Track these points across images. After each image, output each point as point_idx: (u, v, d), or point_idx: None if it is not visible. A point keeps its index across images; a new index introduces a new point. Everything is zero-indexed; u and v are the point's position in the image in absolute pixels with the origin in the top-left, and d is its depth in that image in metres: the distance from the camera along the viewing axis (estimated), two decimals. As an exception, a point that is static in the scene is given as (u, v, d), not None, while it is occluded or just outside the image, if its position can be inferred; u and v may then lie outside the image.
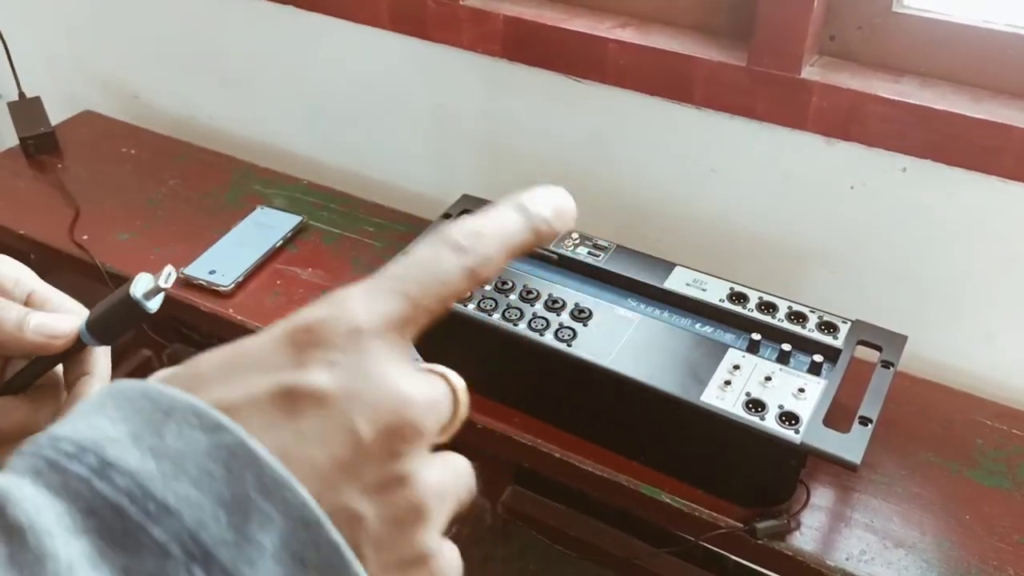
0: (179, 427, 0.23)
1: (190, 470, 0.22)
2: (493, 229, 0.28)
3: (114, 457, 0.22)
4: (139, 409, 0.23)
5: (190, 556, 0.21)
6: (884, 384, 0.80)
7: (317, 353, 0.25)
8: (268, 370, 0.24)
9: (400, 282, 0.26)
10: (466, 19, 1.09)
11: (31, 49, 1.53)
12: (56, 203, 1.24)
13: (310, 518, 0.22)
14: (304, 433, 0.23)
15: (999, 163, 0.88)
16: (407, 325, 0.27)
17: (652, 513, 0.88)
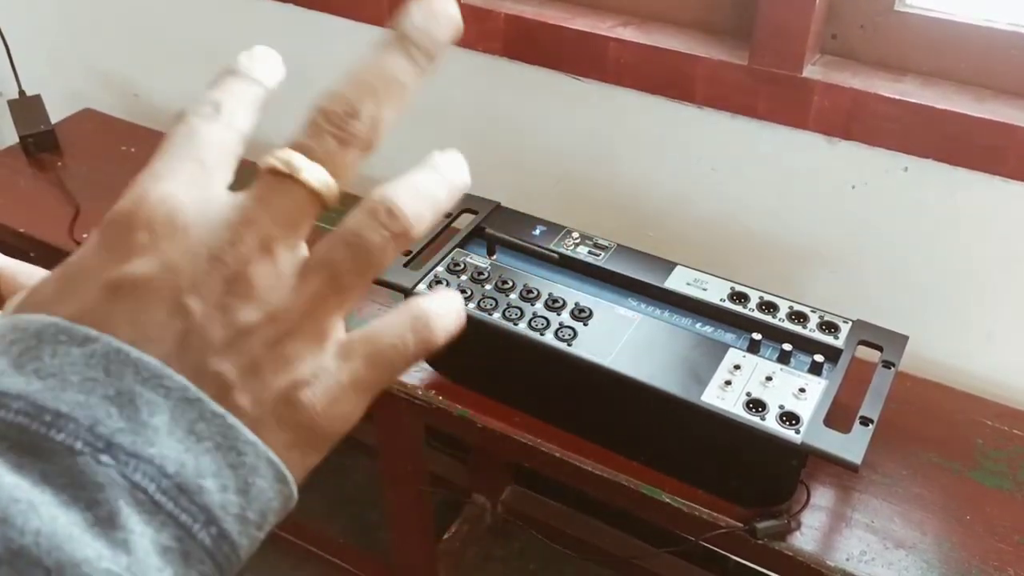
0: (53, 347, 0.24)
1: (73, 380, 0.24)
2: (228, 94, 0.32)
3: (4, 387, 0.24)
4: (12, 340, 0.25)
5: (94, 448, 0.23)
6: (885, 384, 0.80)
7: (129, 239, 0.26)
8: (93, 272, 0.26)
9: (191, 145, 0.29)
10: (467, 17, 1.08)
11: (31, 47, 1.53)
12: (56, 201, 1.24)
13: (189, 396, 0.24)
14: (144, 320, 0.25)
15: (1001, 163, 0.88)
16: (209, 173, 0.28)
17: (652, 513, 0.88)
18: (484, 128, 1.20)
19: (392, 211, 0.29)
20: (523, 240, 0.93)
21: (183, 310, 0.25)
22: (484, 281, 0.90)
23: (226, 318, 0.26)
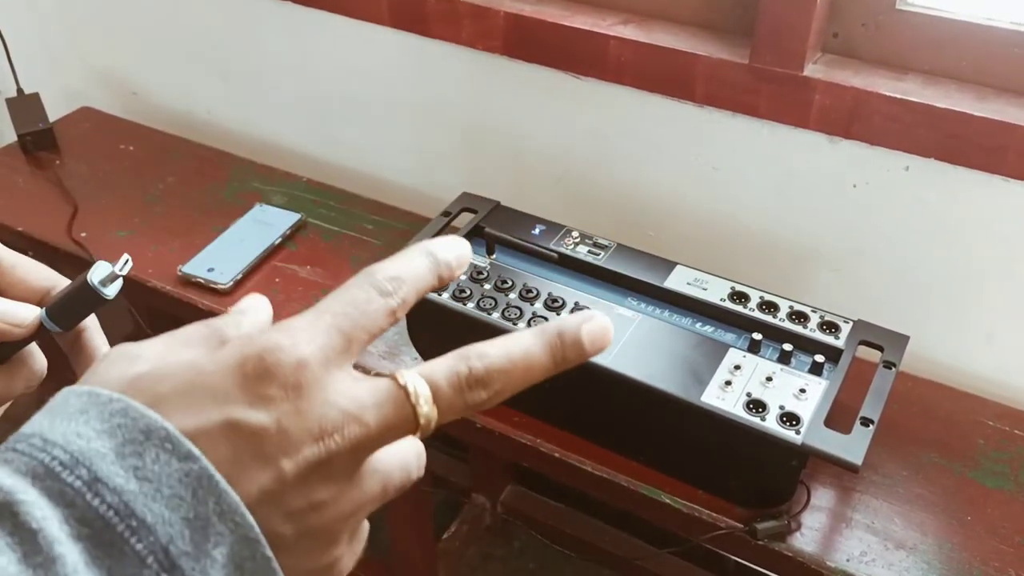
0: (156, 452, 0.27)
1: (164, 492, 0.27)
2: (410, 275, 0.33)
3: (104, 474, 0.26)
4: (120, 425, 0.28)
5: (161, 565, 0.26)
6: (886, 384, 0.80)
7: (263, 388, 0.29)
8: (220, 402, 0.29)
9: (337, 319, 0.31)
10: (466, 15, 1.09)
11: (30, 45, 1.53)
12: (54, 200, 1.24)
13: (251, 536, 0.28)
14: (243, 464, 0.28)
15: (1003, 162, 0.87)
16: (343, 356, 0.31)
17: (652, 513, 0.87)
18: (483, 127, 1.20)
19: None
20: (522, 239, 0.93)
21: (278, 470, 0.28)
22: (483, 280, 0.90)
23: (305, 490, 0.29)
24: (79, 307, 0.44)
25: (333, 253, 1.14)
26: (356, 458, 0.30)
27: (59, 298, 0.44)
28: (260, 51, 1.34)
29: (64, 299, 0.44)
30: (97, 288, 0.43)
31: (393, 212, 1.22)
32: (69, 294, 0.44)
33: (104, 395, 0.29)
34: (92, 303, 0.44)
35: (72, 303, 0.44)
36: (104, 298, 0.43)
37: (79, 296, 0.43)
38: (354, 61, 1.25)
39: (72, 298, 0.44)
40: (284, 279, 1.10)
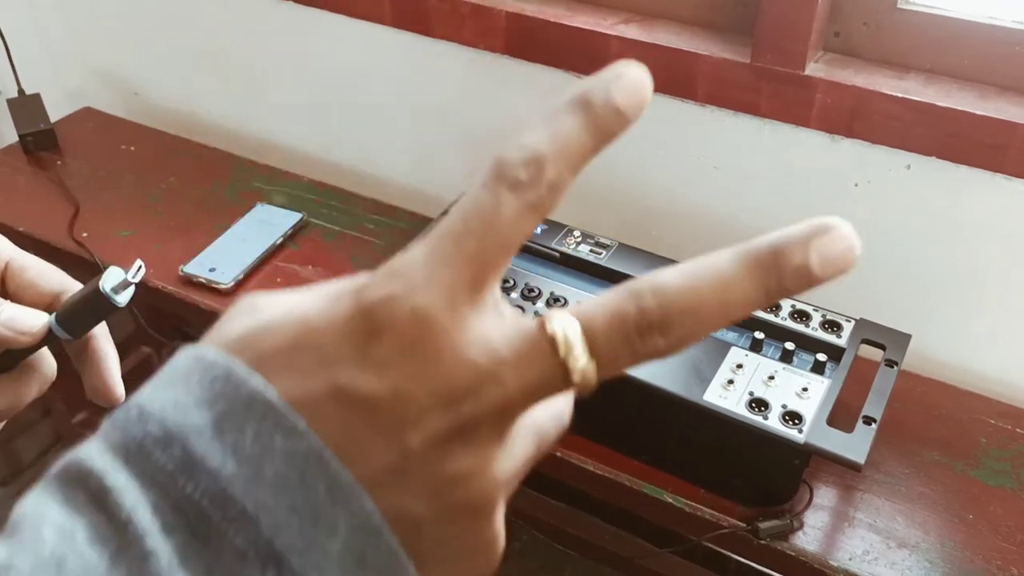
0: (258, 426, 0.23)
1: (267, 474, 0.23)
2: (555, 146, 0.25)
3: (199, 454, 0.23)
4: (222, 393, 0.24)
5: (264, 560, 0.23)
6: (888, 383, 0.80)
7: (374, 347, 0.24)
8: (328, 363, 0.24)
9: (461, 243, 0.25)
10: (468, 15, 1.09)
11: (31, 45, 1.53)
12: (56, 200, 1.24)
13: (372, 525, 0.24)
14: (357, 438, 0.24)
15: (1005, 161, 0.87)
16: (473, 291, 0.25)
17: (654, 513, 0.87)
18: (485, 126, 1.20)
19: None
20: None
21: (401, 444, 0.24)
22: (485, 280, 0.90)
23: (442, 461, 0.24)
24: (89, 314, 0.43)
25: (335, 252, 1.14)
26: (501, 421, 0.24)
27: (69, 305, 0.43)
28: (262, 51, 1.34)
29: (74, 306, 0.43)
30: (109, 296, 0.42)
31: (395, 211, 1.22)
32: (79, 301, 0.42)
33: (210, 356, 0.25)
34: (103, 311, 0.43)
35: (82, 310, 0.43)
36: (116, 306, 0.42)
37: (90, 303, 0.42)
38: (356, 61, 1.25)
39: (82, 305, 0.42)
40: (286, 279, 1.10)
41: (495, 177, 0.25)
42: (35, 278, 0.44)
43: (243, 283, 1.08)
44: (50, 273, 0.44)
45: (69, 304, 0.43)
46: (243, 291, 1.07)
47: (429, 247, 0.25)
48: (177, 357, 0.26)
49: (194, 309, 1.07)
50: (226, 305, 1.09)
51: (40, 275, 0.44)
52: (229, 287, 1.06)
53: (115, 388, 0.46)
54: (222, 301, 1.06)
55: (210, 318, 1.06)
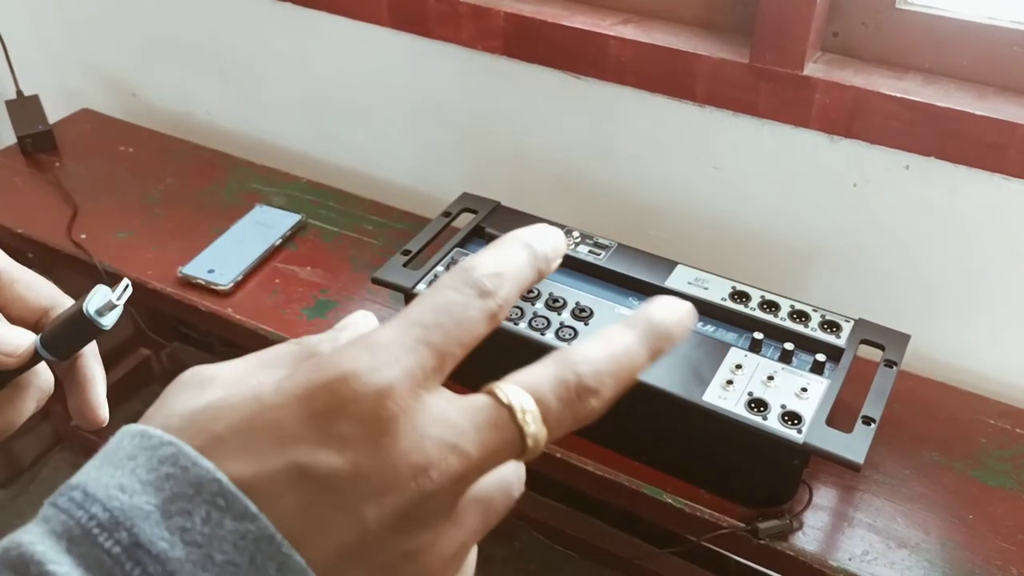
0: (207, 510, 0.23)
1: (216, 558, 0.23)
2: (511, 270, 0.28)
3: (146, 539, 0.23)
4: (168, 475, 0.24)
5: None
6: (887, 383, 0.80)
7: (336, 425, 0.24)
8: (285, 442, 0.24)
9: (428, 332, 0.26)
10: (466, 16, 1.09)
11: (29, 47, 1.53)
12: (54, 201, 1.23)
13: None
14: (314, 517, 0.24)
15: (1003, 161, 0.87)
16: (434, 375, 0.26)
17: (654, 513, 0.87)
18: (483, 127, 1.20)
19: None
20: (523, 239, 0.93)
21: (360, 521, 0.24)
22: (484, 280, 0.90)
23: (397, 539, 0.24)
24: (75, 336, 0.41)
25: (333, 254, 1.14)
26: (455, 494, 0.25)
27: (54, 326, 0.42)
28: (260, 52, 1.34)
29: (59, 327, 0.41)
30: (93, 318, 0.40)
31: (393, 213, 1.22)
32: (64, 323, 0.41)
33: (155, 437, 0.25)
34: (88, 332, 0.41)
35: (67, 332, 0.41)
36: (101, 329, 0.41)
37: (74, 325, 0.41)
38: (354, 62, 1.25)
39: (67, 327, 0.41)
40: (284, 280, 1.10)
41: (466, 282, 0.27)
42: (24, 291, 0.42)
43: (242, 284, 1.08)
44: (40, 287, 0.43)
45: (53, 326, 0.41)
46: (242, 292, 1.07)
47: (397, 331, 0.26)
48: (120, 435, 0.26)
49: (193, 310, 1.07)
50: (225, 307, 1.09)
51: (29, 288, 0.42)
52: (228, 288, 1.06)
53: (100, 411, 0.44)
54: (221, 303, 1.06)
55: (208, 319, 1.07)
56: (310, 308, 1.05)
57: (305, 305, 1.05)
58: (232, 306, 1.05)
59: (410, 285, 0.89)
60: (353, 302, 1.06)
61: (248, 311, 1.04)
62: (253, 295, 1.07)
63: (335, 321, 0.33)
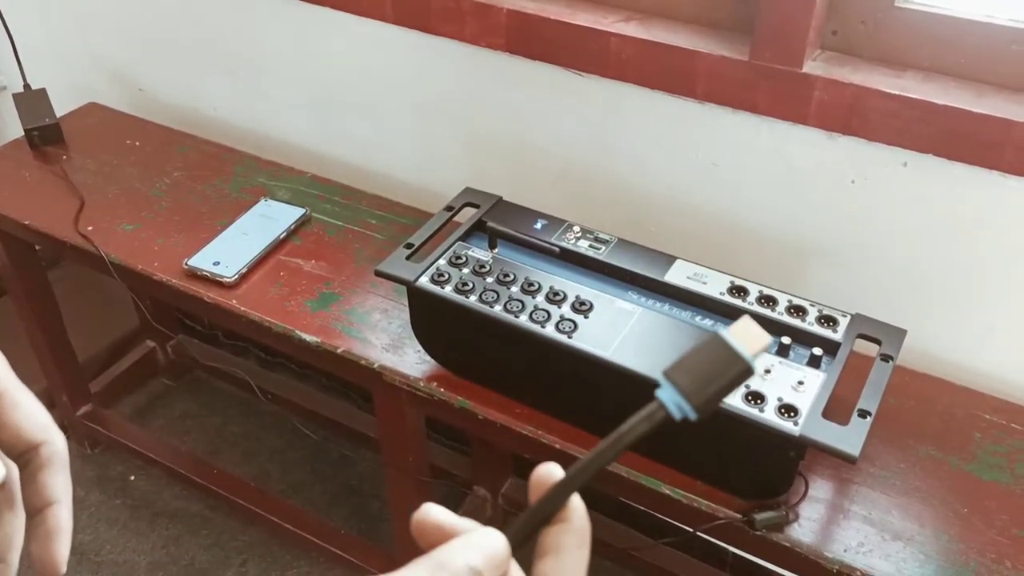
0: None
1: None
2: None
3: None
4: None
5: None
6: (883, 377, 0.81)
7: None
8: None
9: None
10: (469, 12, 1.09)
11: (37, 41, 1.54)
12: (61, 194, 1.25)
13: None
14: None
15: (1001, 158, 0.88)
16: None
17: (652, 504, 0.88)
18: (486, 123, 1.20)
19: None
20: (524, 234, 0.94)
21: None
22: (485, 274, 0.91)
23: None
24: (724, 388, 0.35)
25: (337, 247, 1.15)
26: None
27: (702, 385, 0.35)
28: (266, 48, 1.34)
29: (706, 380, 0.35)
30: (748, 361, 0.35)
31: (397, 207, 1.23)
32: (711, 370, 0.35)
33: None
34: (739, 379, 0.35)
35: (721, 383, 0.35)
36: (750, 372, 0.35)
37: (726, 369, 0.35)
38: (358, 58, 1.26)
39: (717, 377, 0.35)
40: (289, 273, 1.11)
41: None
42: (20, 420, 0.39)
43: (246, 277, 1.09)
44: (39, 416, 0.40)
45: (700, 383, 0.35)
46: (246, 284, 1.09)
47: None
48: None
49: (198, 303, 1.08)
50: (230, 299, 1.11)
51: (26, 418, 0.39)
52: (233, 281, 1.07)
53: (61, 567, 0.40)
54: (226, 295, 1.07)
55: (213, 312, 1.08)
56: (314, 301, 1.06)
57: (309, 298, 1.07)
58: (237, 298, 1.06)
59: (412, 278, 0.90)
60: (356, 295, 1.07)
61: (253, 303, 1.06)
62: (258, 288, 1.08)
63: (339, 314, 0.34)
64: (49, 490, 0.39)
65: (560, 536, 0.34)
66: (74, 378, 1.53)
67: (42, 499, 0.38)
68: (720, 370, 0.35)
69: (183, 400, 1.73)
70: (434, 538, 0.34)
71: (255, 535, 1.49)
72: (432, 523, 0.34)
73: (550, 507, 0.34)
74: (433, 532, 0.34)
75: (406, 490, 1.15)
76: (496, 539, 0.32)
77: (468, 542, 0.32)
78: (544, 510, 0.34)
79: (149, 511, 1.54)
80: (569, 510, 0.34)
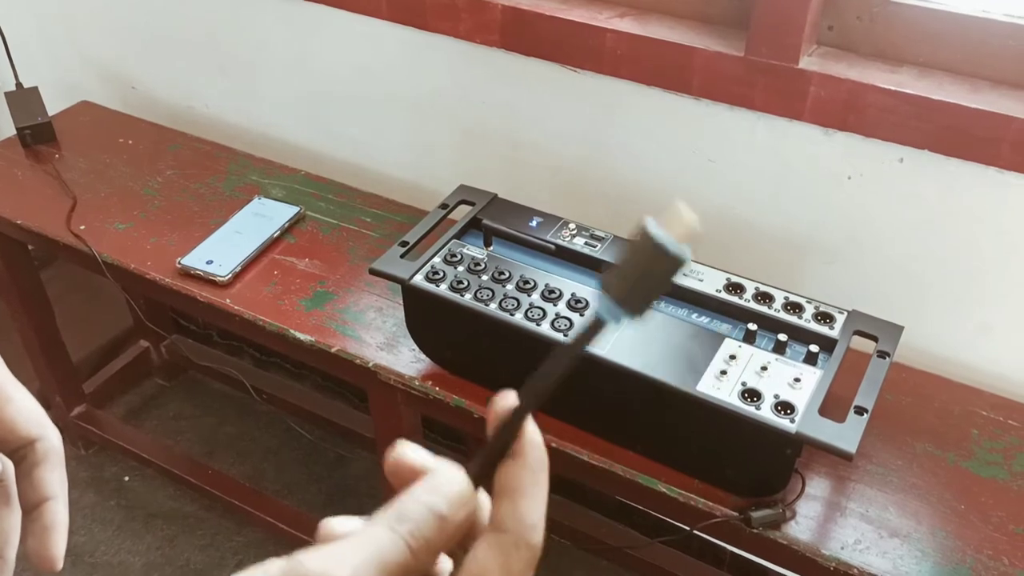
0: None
1: None
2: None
3: None
4: None
5: None
6: (880, 374, 0.81)
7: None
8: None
9: None
10: (464, 9, 1.09)
11: (29, 39, 1.53)
12: (53, 193, 1.24)
13: None
14: None
15: (997, 154, 0.88)
16: None
17: (649, 503, 0.88)
18: (481, 120, 1.20)
19: None
20: (519, 231, 0.93)
21: None
22: (481, 272, 0.90)
23: None
24: (653, 286, 0.34)
25: (331, 245, 1.14)
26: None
27: (621, 278, 0.34)
28: (259, 45, 1.34)
29: (629, 277, 0.34)
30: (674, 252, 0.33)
31: (391, 205, 1.22)
32: (632, 266, 0.34)
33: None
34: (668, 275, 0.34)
35: (641, 280, 0.34)
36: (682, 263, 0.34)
37: (650, 263, 0.34)
38: (352, 55, 1.25)
39: (638, 270, 0.34)
40: (282, 271, 1.10)
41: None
42: (14, 415, 0.39)
43: (240, 275, 1.09)
44: (33, 412, 0.40)
45: (620, 277, 0.34)
46: (240, 283, 1.08)
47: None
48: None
49: (191, 302, 1.07)
50: (224, 298, 1.10)
51: (20, 413, 0.40)
52: (226, 279, 1.07)
53: (58, 562, 0.41)
54: (220, 293, 1.06)
55: (207, 310, 1.07)
56: (308, 299, 1.06)
57: (303, 296, 1.06)
58: (230, 297, 1.06)
59: (407, 276, 0.89)
60: (351, 293, 1.06)
61: (246, 302, 1.05)
62: (251, 286, 1.08)
63: (333, 312, 0.34)
64: (45, 486, 0.39)
65: (515, 473, 0.33)
66: (67, 379, 1.52)
67: (38, 495, 0.39)
68: (649, 268, 0.34)
69: (177, 400, 1.72)
70: (406, 477, 0.34)
71: (250, 536, 1.48)
72: (404, 462, 0.34)
73: (507, 437, 0.34)
74: (404, 471, 0.34)
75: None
76: (457, 478, 0.32)
77: (429, 486, 0.31)
78: (501, 440, 0.34)
79: (144, 512, 1.53)
80: (524, 443, 0.34)
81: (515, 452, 0.33)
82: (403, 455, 0.33)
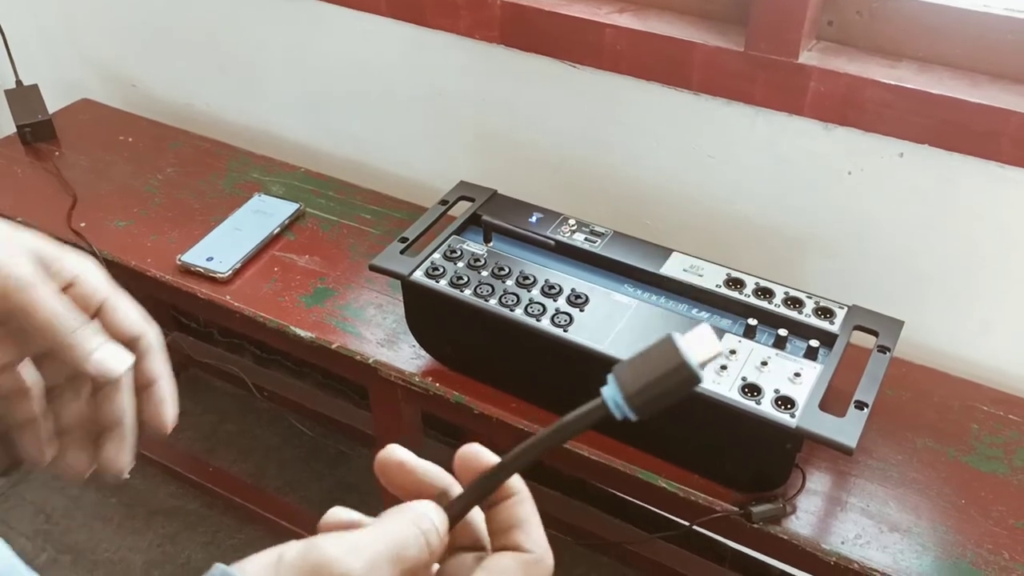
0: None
1: None
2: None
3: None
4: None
5: None
6: (880, 369, 0.80)
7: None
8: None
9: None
10: (464, 5, 1.09)
11: (29, 37, 1.53)
12: (53, 190, 1.24)
13: None
14: None
15: (997, 148, 0.88)
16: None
17: (648, 498, 0.88)
18: (481, 116, 1.20)
19: None
20: (519, 227, 0.93)
21: None
22: (481, 268, 0.90)
23: None
24: (668, 395, 0.35)
25: (331, 243, 1.14)
26: None
27: (642, 382, 0.35)
28: (259, 42, 1.34)
29: (649, 382, 0.35)
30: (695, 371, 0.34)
31: (391, 202, 1.22)
32: (655, 373, 0.35)
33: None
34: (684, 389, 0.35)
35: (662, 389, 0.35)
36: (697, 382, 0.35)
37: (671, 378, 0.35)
38: (352, 52, 1.25)
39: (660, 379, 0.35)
40: (283, 268, 1.10)
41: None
42: (122, 319, 0.46)
43: (240, 272, 1.09)
44: (135, 315, 0.46)
45: (642, 381, 0.35)
46: (240, 280, 1.08)
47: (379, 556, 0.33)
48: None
49: (192, 299, 1.07)
50: (224, 295, 1.10)
51: (127, 316, 0.46)
52: (226, 276, 1.07)
53: (169, 425, 0.48)
54: (220, 290, 1.06)
55: (207, 307, 1.07)
56: (308, 296, 1.06)
57: (303, 293, 1.06)
58: (231, 294, 1.06)
59: (407, 272, 0.89)
60: (351, 290, 1.06)
61: (246, 299, 1.05)
62: (252, 283, 1.08)
63: (333, 309, 0.36)
64: (153, 369, 0.47)
65: (518, 508, 0.38)
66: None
67: (146, 378, 0.46)
68: (665, 374, 0.35)
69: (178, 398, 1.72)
70: (397, 478, 0.38)
71: (252, 533, 1.49)
72: (395, 462, 0.38)
73: (488, 487, 0.38)
74: (395, 471, 0.38)
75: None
76: (438, 518, 0.37)
77: (429, 506, 0.37)
78: (482, 490, 0.38)
79: (145, 509, 1.53)
80: (514, 482, 0.39)
81: (508, 491, 0.38)
82: (393, 454, 0.37)
